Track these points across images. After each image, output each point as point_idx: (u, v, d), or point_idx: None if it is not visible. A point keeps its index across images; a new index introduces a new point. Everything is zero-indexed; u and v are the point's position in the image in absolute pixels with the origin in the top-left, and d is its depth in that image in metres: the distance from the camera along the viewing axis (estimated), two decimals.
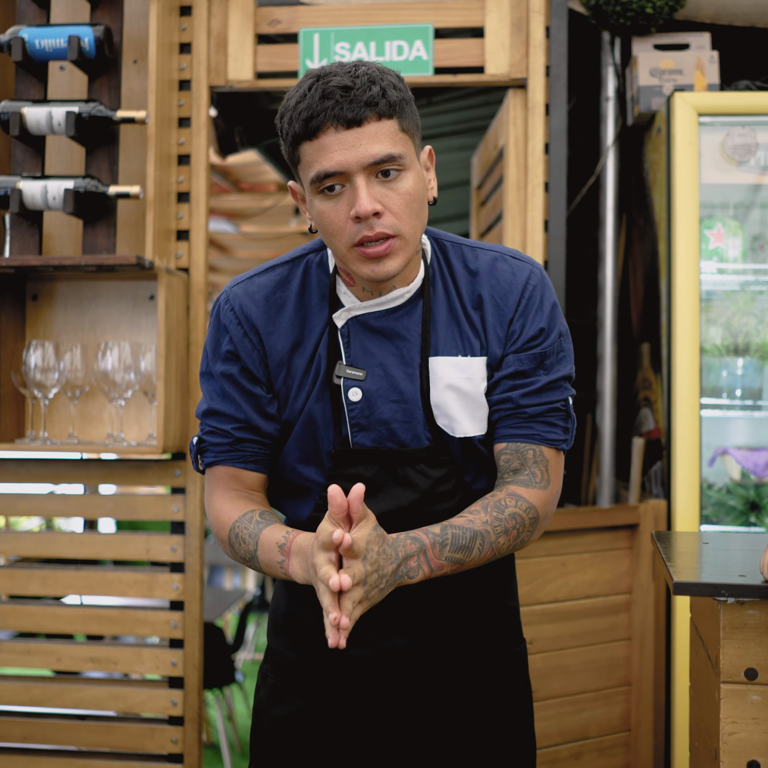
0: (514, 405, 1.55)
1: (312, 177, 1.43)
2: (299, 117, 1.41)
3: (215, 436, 1.59)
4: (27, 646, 2.82)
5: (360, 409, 1.53)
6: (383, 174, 1.43)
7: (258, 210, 6.12)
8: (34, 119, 2.52)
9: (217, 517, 1.57)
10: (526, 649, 1.72)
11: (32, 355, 2.61)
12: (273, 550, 1.46)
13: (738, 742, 1.35)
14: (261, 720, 1.67)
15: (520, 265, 1.59)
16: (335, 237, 1.46)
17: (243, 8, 2.84)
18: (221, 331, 1.58)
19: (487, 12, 2.79)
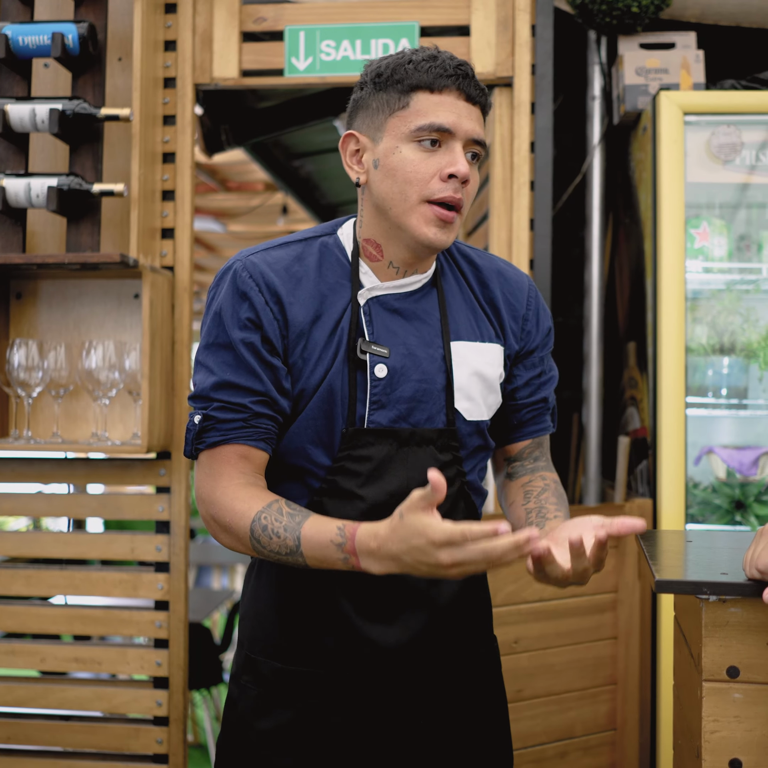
0: (545, 404, 1.70)
1: (423, 124, 1.47)
2: (428, 70, 1.48)
3: (226, 412, 1.51)
4: (11, 646, 2.80)
5: (383, 386, 1.53)
6: (471, 156, 1.51)
7: (245, 209, 6.12)
8: (18, 116, 2.51)
9: (230, 506, 1.48)
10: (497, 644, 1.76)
11: (16, 354, 2.60)
12: (328, 548, 1.39)
13: (720, 740, 1.35)
14: (242, 733, 1.60)
15: (517, 270, 1.72)
16: (412, 185, 1.49)
17: (228, 6, 2.83)
18: (239, 299, 1.51)
19: (473, 10, 2.78)
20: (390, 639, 1.56)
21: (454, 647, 1.62)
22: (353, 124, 1.57)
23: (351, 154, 1.56)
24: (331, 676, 1.57)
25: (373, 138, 1.53)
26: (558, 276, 3.25)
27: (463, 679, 1.64)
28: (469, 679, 1.65)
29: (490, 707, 1.68)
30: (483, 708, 1.67)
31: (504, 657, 2.52)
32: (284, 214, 6.15)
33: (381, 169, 1.51)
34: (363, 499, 1.54)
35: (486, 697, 1.68)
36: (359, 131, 1.55)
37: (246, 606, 1.68)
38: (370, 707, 1.57)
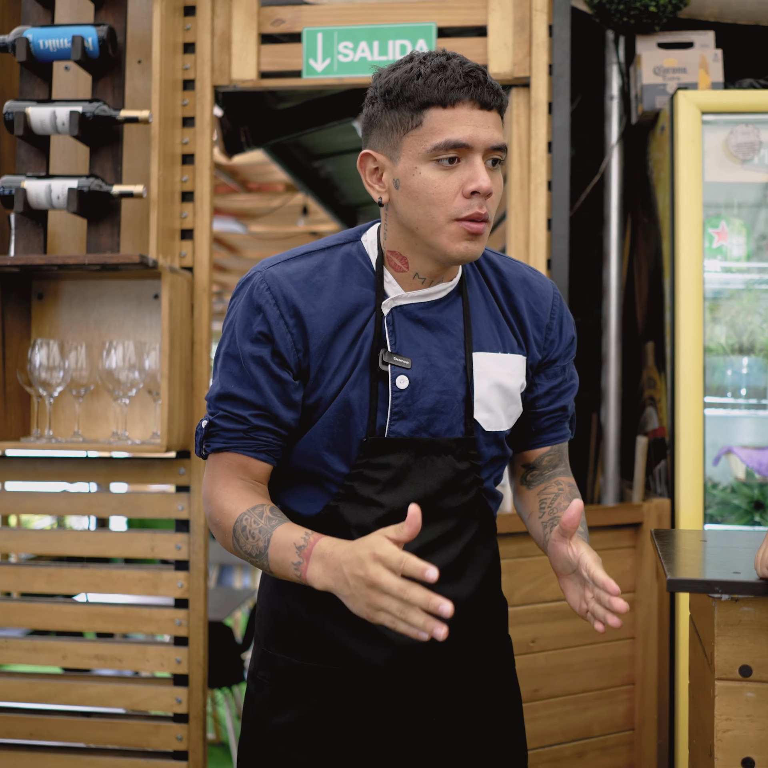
0: (565, 411, 1.70)
1: (438, 143, 1.44)
2: (438, 84, 1.43)
3: (229, 422, 1.54)
4: (33, 643, 2.83)
5: (404, 397, 1.54)
6: (492, 162, 1.48)
7: (266, 210, 6.14)
8: (38, 119, 2.53)
9: (220, 506, 1.54)
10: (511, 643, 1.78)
11: (37, 354, 2.63)
12: (289, 550, 1.43)
13: (732, 739, 1.35)
14: (259, 728, 1.63)
15: (542, 277, 1.70)
16: (437, 207, 1.46)
17: (247, 8, 2.85)
18: (253, 311, 1.52)
19: (490, 11, 2.79)
20: (404, 636, 1.57)
21: (468, 646, 1.63)
22: (369, 142, 1.54)
23: (370, 173, 1.54)
24: (346, 673, 1.58)
25: (390, 157, 1.50)
26: (577, 276, 3.25)
27: (477, 677, 1.65)
28: (483, 677, 1.66)
29: (504, 705, 1.69)
30: (497, 706, 1.68)
31: (521, 656, 2.53)
32: (305, 215, 6.17)
33: (402, 191, 1.49)
34: (381, 505, 1.55)
35: (500, 696, 1.69)
36: (375, 150, 1.52)
37: (262, 603, 1.70)
38: (384, 703, 1.58)
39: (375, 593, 1.29)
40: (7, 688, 2.82)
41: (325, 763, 1.58)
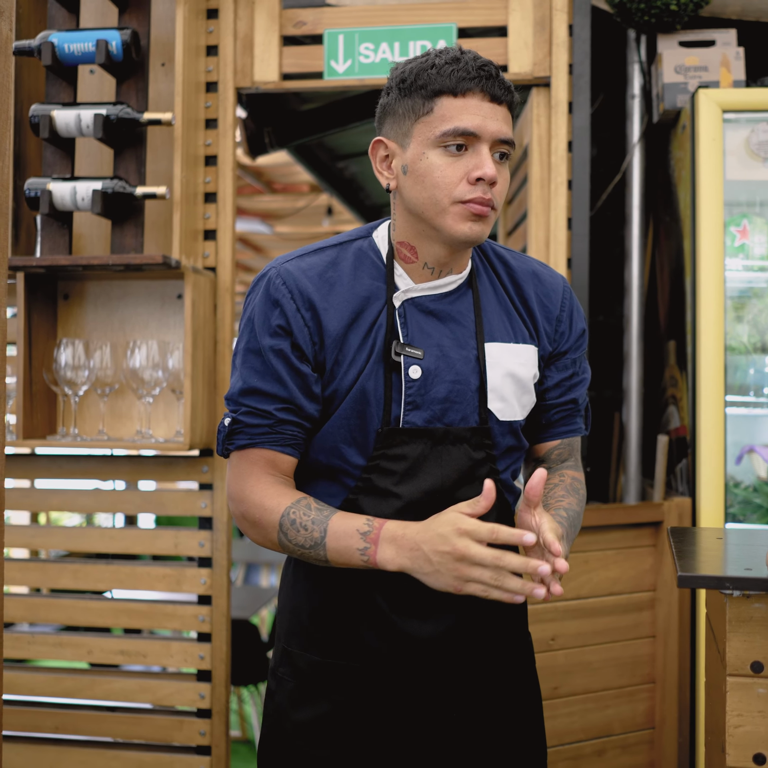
0: (575, 405, 1.71)
1: (447, 129, 1.48)
2: (451, 74, 1.48)
3: (253, 417, 1.55)
4: (59, 638, 2.87)
5: (417, 387, 1.56)
6: (499, 156, 1.52)
7: (291, 210, 6.17)
8: (63, 122, 2.57)
9: (259, 502, 1.54)
10: (531, 639, 1.79)
11: (63, 353, 2.66)
12: (352, 537, 1.45)
13: (744, 735, 1.36)
14: (279, 724, 1.65)
15: (552, 271, 1.73)
16: (441, 190, 1.50)
17: (269, 10, 2.88)
18: (271, 306, 1.55)
19: (510, 11, 2.80)
20: (424, 633, 1.59)
21: (487, 642, 1.64)
22: (382, 130, 1.59)
23: (380, 159, 1.58)
24: (366, 669, 1.60)
25: (401, 144, 1.54)
26: (599, 275, 3.26)
27: (497, 673, 1.66)
28: (503, 673, 1.67)
29: (524, 702, 1.70)
30: (517, 702, 1.68)
31: (541, 654, 2.54)
32: (329, 215, 6.20)
33: (410, 175, 1.53)
34: (399, 496, 1.57)
35: (520, 692, 1.69)
36: (387, 137, 1.56)
37: (283, 600, 1.72)
38: (404, 700, 1.60)
39: (464, 565, 1.35)
40: (33, 683, 2.86)
41: (346, 758, 1.60)
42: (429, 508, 1.54)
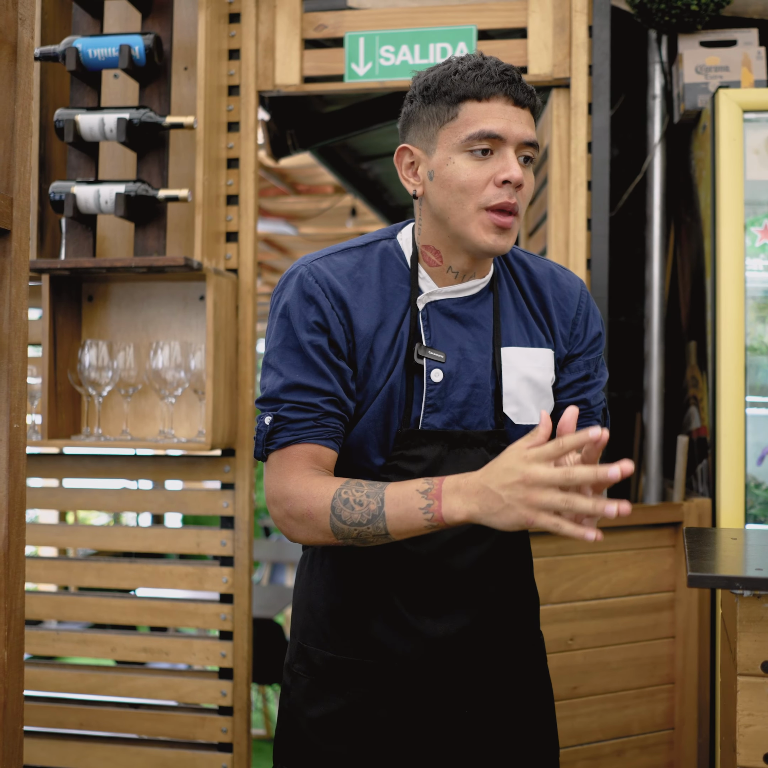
0: (587, 406, 1.69)
1: (472, 133, 1.50)
2: (474, 79, 1.51)
3: (297, 412, 1.54)
4: (84, 635, 2.91)
5: (438, 390, 1.58)
6: (524, 159, 1.54)
7: (315, 211, 6.20)
8: (87, 126, 2.61)
9: (306, 493, 1.50)
10: (542, 637, 1.80)
11: (87, 354, 2.70)
12: (412, 499, 1.42)
13: (754, 734, 1.36)
14: (294, 720, 1.67)
15: (571, 274, 1.74)
16: (469, 195, 1.52)
17: (290, 14, 2.90)
18: (306, 302, 1.56)
19: (529, 12, 2.81)
20: (438, 631, 1.61)
21: (500, 640, 1.66)
22: (406, 137, 1.61)
23: (406, 167, 1.60)
24: (380, 666, 1.62)
25: (426, 150, 1.56)
26: (621, 275, 3.26)
27: (509, 670, 1.67)
28: (515, 671, 1.68)
29: (535, 699, 1.72)
30: (529, 699, 1.70)
31: (559, 654, 2.55)
32: (353, 216, 6.22)
33: (436, 181, 1.55)
34: None
35: (532, 689, 1.71)
36: (412, 144, 1.58)
37: (298, 597, 1.74)
38: (417, 696, 1.62)
39: (536, 491, 1.30)
40: (58, 679, 2.90)
41: (359, 754, 1.62)
42: None
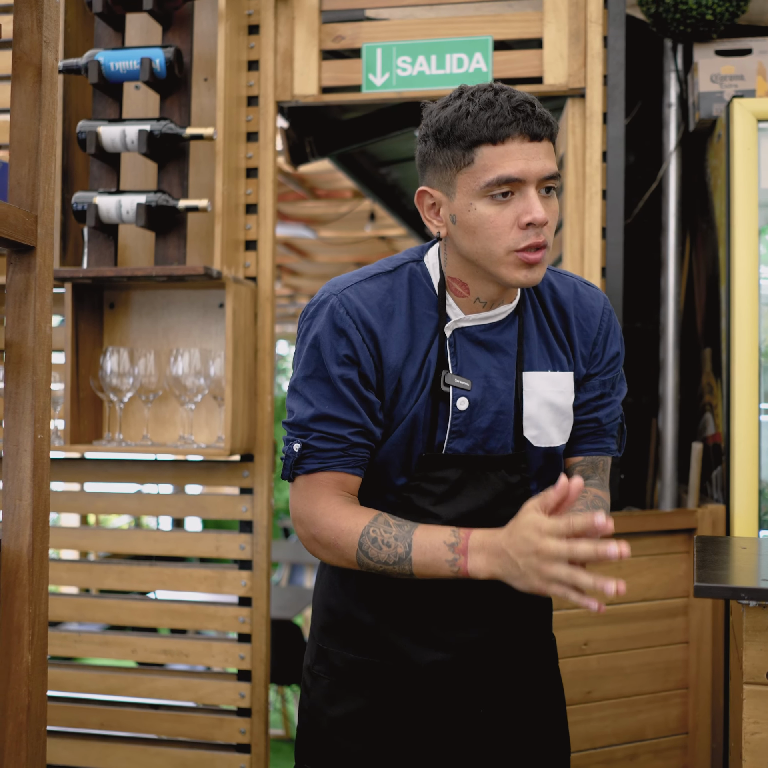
0: (598, 424, 1.71)
1: (491, 180, 1.48)
2: (487, 122, 1.48)
3: (326, 442, 1.58)
4: (105, 637, 2.96)
5: (463, 418, 1.60)
6: (546, 190, 1.51)
7: (334, 216, 6.24)
8: (109, 138, 2.66)
9: (334, 524, 1.56)
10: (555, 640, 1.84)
11: (109, 361, 2.75)
12: (439, 550, 1.48)
13: (760, 741, 1.39)
14: (315, 720, 1.71)
15: (595, 292, 1.73)
16: (495, 241, 1.51)
17: (308, 25, 2.94)
18: (337, 335, 1.57)
19: (545, 23, 2.83)
20: (458, 638, 1.66)
21: (515, 644, 1.71)
22: (425, 179, 1.60)
23: (428, 208, 1.60)
24: (399, 668, 1.66)
25: (446, 193, 1.56)
26: (637, 282, 3.27)
27: (523, 672, 1.72)
28: (528, 673, 1.73)
29: (547, 702, 1.76)
30: (541, 702, 1.75)
31: (573, 659, 2.57)
32: (372, 221, 6.26)
33: (460, 226, 1.55)
34: (437, 516, 1.62)
35: (544, 690, 1.76)
36: (431, 186, 1.58)
37: (318, 600, 1.79)
38: (435, 696, 1.66)
39: (547, 564, 1.37)
40: (80, 680, 2.95)
41: (379, 752, 1.67)
42: (465, 526, 1.59)
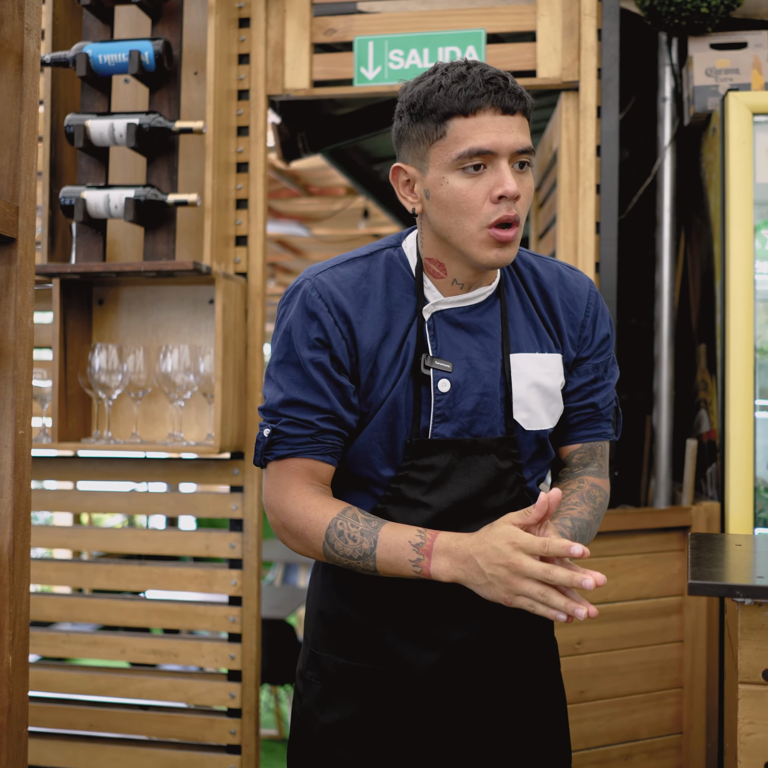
0: (595, 409, 1.69)
1: (462, 152, 1.47)
2: (459, 94, 1.46)
3: (294, 427, 1.56)
4: (93, 637, 2.93)
5: (446, 400, 1.57)
6: (519, 165, 1.50)
7: (328, 213, 6.21)
8: (97, 131, 2.62)
9: (302, 514, 1.55)
10: (556, 644, 1.80)
11: (97, 358, 2.72)
12: (403, 549, 1.47)
13: (755, 742, 1.36)
14: (307, 726, 1.68)
15: (579, 275, 1.72)
16: (468, 216, 1.50)
17: (300, 19, 2.91)
18: (308, 318, 1.56)
19: (539, 16, 2.81)
20: (453, 638, 1.62)
21: (514, 646, 1.66)
22: (400, 155, 1.59)
23: (402, 184, 1.58)
24: (392, 673, 1.62)
25: (419, 168, 1.54)
26: (632, 278, 3.25)
27: (522, 676, 1.68)
28: (528, 677, 1.69)
29: (548, 705, 1.72)
30: (542, 705, 1.70)
31: (567, 658, 2.54)
32: (365, 218, 6.23)
33: (433, 201, 1.53)
34: (428, 506, 1.59)
35: (545, 695, 1.72)
36: (405, 162, 1.57)
37: (311, 604, 1.75)
38: (430, 701, 1.62)
39: (517, 579, 1.37)
40: (68, 681, 2.92)
41: (372, 760, 1.63)
42: (458, 517, 1.57)
